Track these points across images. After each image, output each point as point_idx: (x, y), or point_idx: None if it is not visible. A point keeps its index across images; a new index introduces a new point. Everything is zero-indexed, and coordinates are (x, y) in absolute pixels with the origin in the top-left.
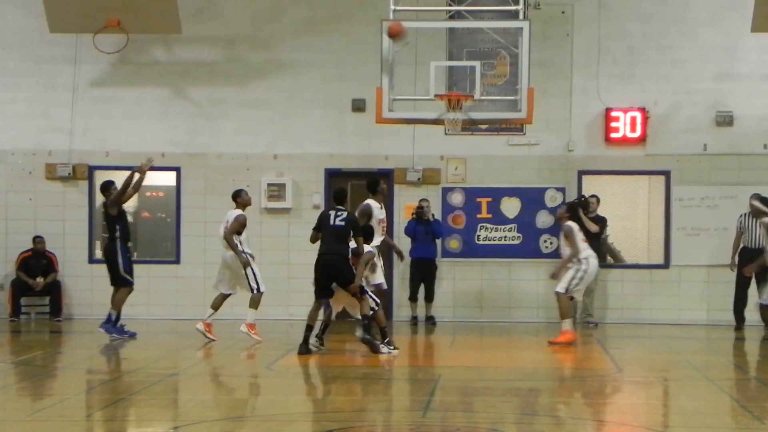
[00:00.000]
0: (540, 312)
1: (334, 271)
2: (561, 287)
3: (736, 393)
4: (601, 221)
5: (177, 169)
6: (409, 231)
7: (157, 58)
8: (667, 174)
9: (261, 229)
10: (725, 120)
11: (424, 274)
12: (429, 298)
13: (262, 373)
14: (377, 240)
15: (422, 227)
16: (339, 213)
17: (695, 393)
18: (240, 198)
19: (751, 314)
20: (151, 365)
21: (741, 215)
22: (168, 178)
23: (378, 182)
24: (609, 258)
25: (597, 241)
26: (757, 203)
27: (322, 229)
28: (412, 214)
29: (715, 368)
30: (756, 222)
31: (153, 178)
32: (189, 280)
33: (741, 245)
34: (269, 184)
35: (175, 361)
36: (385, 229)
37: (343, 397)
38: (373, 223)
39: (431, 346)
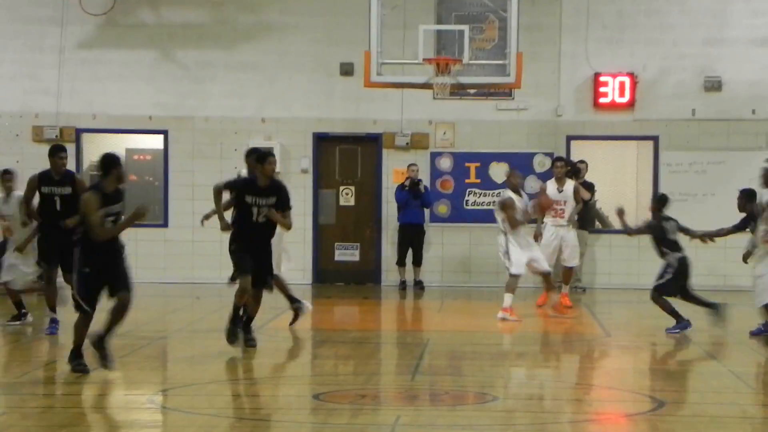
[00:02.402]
0: (529, 276)
1: None
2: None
3: (722, 357)
4: (590, 187)
5: (164, 133)
6: (400, 200)
7: (145, 20)
8: (655, 139)
9: None
10: (714, 85)
11: (412, 239)
12: (417, 262)
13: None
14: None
15: (412, 196)
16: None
17: (682, 357)
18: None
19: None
20: (139, 328)
21: None
22: (155, 142)
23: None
24: (597, 223)
25: (585, 206)
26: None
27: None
28: (404, 183)
29: (702, 332)
30: None
31: (140, 141)
32: (177, 244)
33: None
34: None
35: (164, 324)
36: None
37: (332, 360)
38: (518, 214)
39: (420, 310)
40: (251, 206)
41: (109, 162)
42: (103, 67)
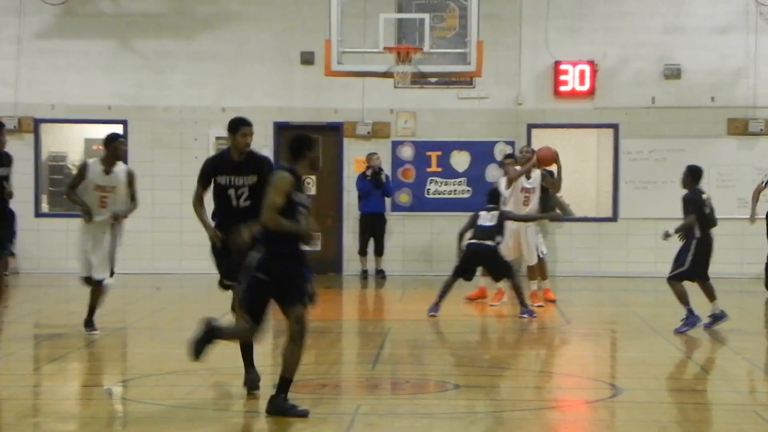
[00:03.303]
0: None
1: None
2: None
3: (682, 345)
4: (549, 175)
5: (124, 122)
6: (362, 189)
7: (103, 10)
8: (615, 127)
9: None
10: (673, 73)
11: (373, 228)
12: (379, 252)
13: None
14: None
15: (374, 186)
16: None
17: (643, 345)
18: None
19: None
20: (98, 319)
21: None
22: (114, 131)
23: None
24: (558, 211)
25: (545, 194)
26: None
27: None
28: (366, 173)
29: (662, 320)
30: None
31: (99, 131)
32: (136, 235)
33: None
34: (217, 138)
35: (123, 315)
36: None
37: None
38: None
39: (381, 299)
40: (226, 188)
41: None
42: (61, 56)
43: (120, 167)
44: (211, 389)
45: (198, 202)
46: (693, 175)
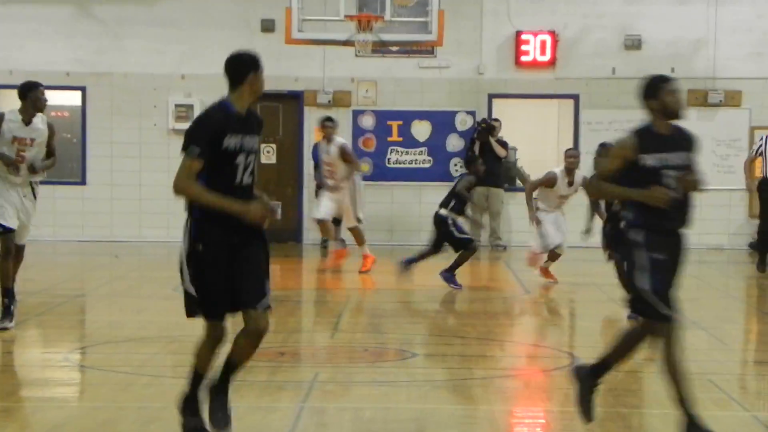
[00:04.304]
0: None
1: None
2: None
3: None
4: (504, 145)
5: (82, 89)
6: (317, 158)
7: None
8: (576, 98)
9: (169, 151)
10: (634, 44)
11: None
12: (337, 221)
13: (170, 295)
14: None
15: None
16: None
17: (600, 314)
18: None
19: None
20: (56, 286)
21: (763, 137)
22: (73, 98)
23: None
24: (518, 181)
25: (500, 164)
26: None
27: None
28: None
29: (620, 290)
30: None
31: (58, 98)
32: (95, 202)
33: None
34: (177, 105)
35: (81, 283)
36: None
37: None
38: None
39: (340, 269)
40: (235, 155)
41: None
42: (19, 23)
43: (40, 119)
44: (169, 356)
45: (192, 181)
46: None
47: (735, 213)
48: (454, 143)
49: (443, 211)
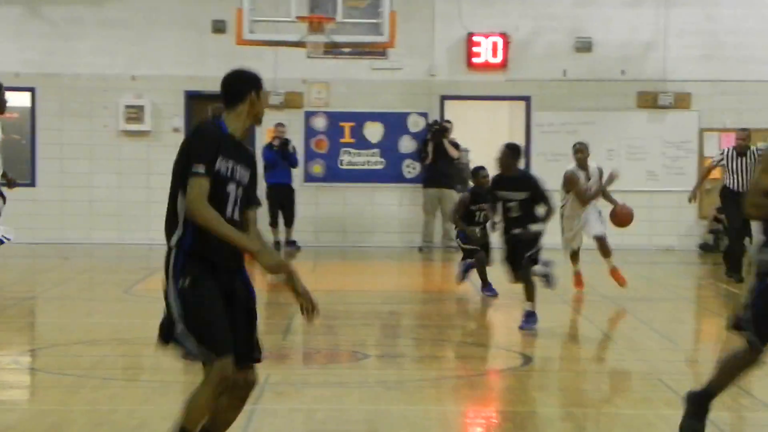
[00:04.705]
0: (402, 236)
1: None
2: None
3: (590, 315)
4: (456, 146)
5: (32, 90)
6: (268, 160)
7: None
8: (527, 100)
9: (119, 153)
10: (584, 46)
11: (281, 199)
12: (288, 222)
13: (121, 297)
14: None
15: (281, 156)
16: None
17: (551, 315)
18: None
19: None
20: (5, 288)
21: (725, 150)
22: (22, 99)
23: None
24: (470, 182)
25: (453, 166)
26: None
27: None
28: (272, 143)
29: (571, 291)
30: (744, 161)
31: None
32: (45, 204)
33: (723, 183)
34: (127, 106)
35: (31, 285)
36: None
37: None
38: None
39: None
40: (226, 181)
41: None
42: None
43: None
44: (119, 359)
45: (207, 204)
46: (515, 153)
47: (685, 214)
48: (407, 145)
49: None
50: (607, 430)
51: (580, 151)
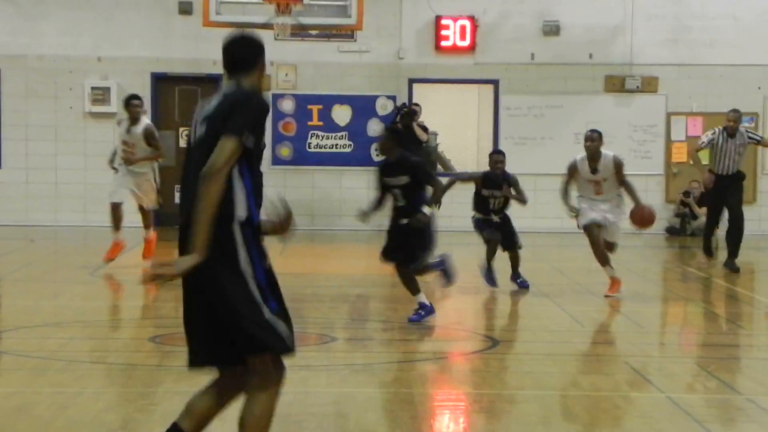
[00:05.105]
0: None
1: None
2: None
3: (557, 298)
4: (425, 129)
5: None
6: None
7: None
8: (495, 83)
9: (85, 134)
10: (552, 29)
11: None
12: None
13: (86, 280)
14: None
15: None
16: None
17: (518, 299)
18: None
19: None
20: None
21: (715, 130)
22: None
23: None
24: (439, 166)
25: (421, 149)
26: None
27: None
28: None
29: (539, 275)
30: (734, 142)
31: None
32: (10, 186)
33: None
34: (93, 88)
35: None
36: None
37: (171, 303)
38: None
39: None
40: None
41: None
42: None
43: None
44: (86, 341)
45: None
46: (395, 135)
47: (651, 198)
48: (375, 128)
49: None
50: (572, 412)
51: (589, 140)
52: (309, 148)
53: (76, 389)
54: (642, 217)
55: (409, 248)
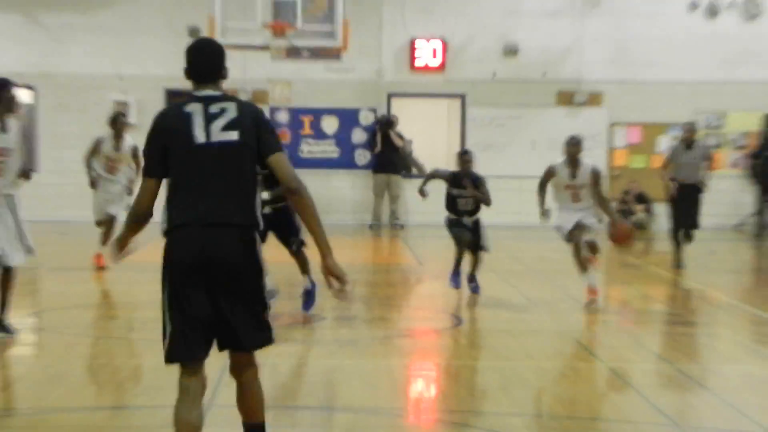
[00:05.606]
0: (355, 216)
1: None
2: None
3: (516, 282)
4: (401, 137)
5: (32, 88)
6: None
7: None
8: (462, 97)
9: None
10: (511, 51)
11: None
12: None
13: (110, 267)
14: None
15: None
16: None
17: (487, 282)
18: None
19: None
20: None
21: (674, 145)
22: (24, 96)
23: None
24: (413, 169)
25: (398, 154)
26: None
27: None
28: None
29: (499, 262)
30: (691, 153)
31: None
32: (46, 187)
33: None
34: (115, 101)
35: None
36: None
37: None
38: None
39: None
40: None
41: None
42: None
43: (15, 123)
44: (111, 320)
45: None
46: None
47: None
48: (358, 136)
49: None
50: (526, 380)
51: (570, 144)
52: (301, 153)
53: (103, 361)
54: (620, 233)
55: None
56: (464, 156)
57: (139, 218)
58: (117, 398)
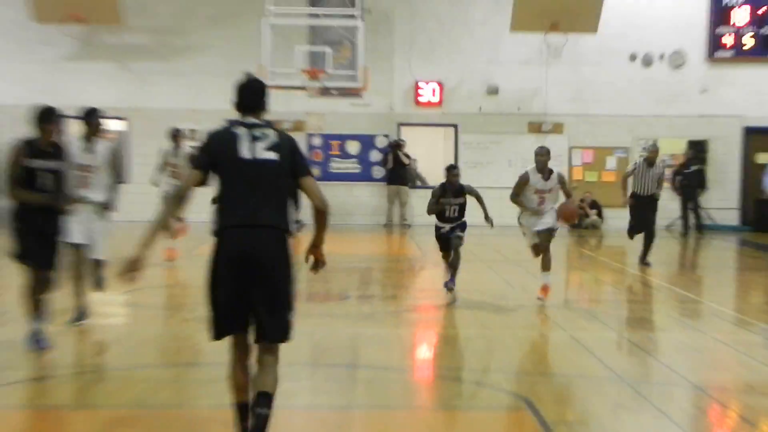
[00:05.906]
0: (372, 218)
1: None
2: None
3: (498, 269)
4: (408, 156)
5: (126, 119)
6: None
7: (108, 41)
8: (456, 126)
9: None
10: (493, 90)
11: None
12: (296, 208)
13: (186, 257)
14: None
15: None
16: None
17: (474, 270)
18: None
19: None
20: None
21: (637, 162)
22: (120, 126)
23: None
24: (418, 181)
25: (405, 170)
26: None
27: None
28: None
29: (486, 255)
30: (652, 171)
31: (110, 125)
32: (137, 195)
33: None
34: (190, 130)
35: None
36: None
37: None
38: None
39: (299, 242)
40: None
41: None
42: (82, 73)
43: (103, 144)
44: (183, 299)
45: None
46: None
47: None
48: (375, 156)
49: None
50: (507, 345)
51: (540, 154)
52: (330, 169)
53: (180, 332)
54: (567, 212)
55: None
56: (453, 171)
57: (180, 195)
58: (192, 357)
